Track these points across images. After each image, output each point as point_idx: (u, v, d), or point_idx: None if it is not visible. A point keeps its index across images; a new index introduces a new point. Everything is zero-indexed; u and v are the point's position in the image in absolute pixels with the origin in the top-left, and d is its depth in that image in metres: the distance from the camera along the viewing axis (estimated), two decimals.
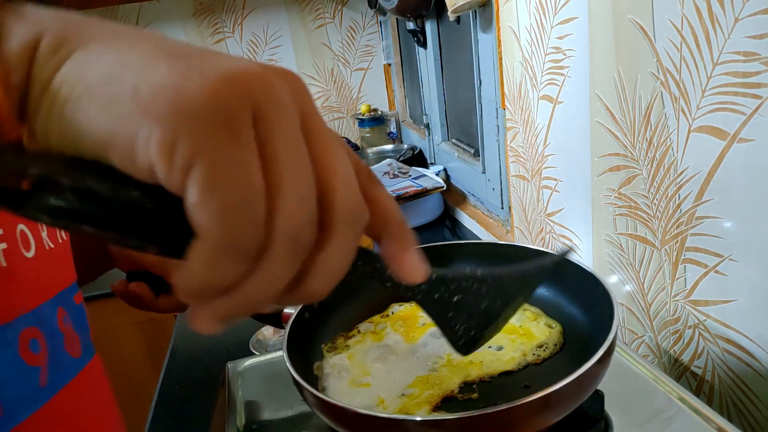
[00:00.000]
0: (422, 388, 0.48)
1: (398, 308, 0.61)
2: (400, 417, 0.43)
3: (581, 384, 0.41)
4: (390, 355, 0.53)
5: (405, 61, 1.80)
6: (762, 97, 0.46)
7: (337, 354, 0.54)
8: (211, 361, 0.88)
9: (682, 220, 0.59)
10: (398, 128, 1.93)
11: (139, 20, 1.73)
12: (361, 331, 0.58)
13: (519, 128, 0.94)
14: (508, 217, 1.09)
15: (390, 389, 0.48)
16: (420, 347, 0.54)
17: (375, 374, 0.51)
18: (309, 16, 1.84)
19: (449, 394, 0.48)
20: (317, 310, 0.56)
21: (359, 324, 0.59)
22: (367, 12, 1.86)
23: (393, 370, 0.51)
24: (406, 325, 0.58)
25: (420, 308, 0.34)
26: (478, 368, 0.51)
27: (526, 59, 0.86)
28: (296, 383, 0.44)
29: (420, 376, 0.50)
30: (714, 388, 0.60)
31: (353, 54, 1.90)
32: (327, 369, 0.52)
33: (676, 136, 0.57)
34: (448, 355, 0.53)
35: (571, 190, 0.81)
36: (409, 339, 0.56)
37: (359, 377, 0.50)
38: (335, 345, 0.56)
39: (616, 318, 0.45)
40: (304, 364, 0.48)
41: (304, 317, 0.54)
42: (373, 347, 0.55)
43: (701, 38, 0.51)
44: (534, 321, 0.57)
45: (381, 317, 0.60)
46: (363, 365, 0.52)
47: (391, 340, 0.56)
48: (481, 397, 0.48)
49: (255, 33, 1.81)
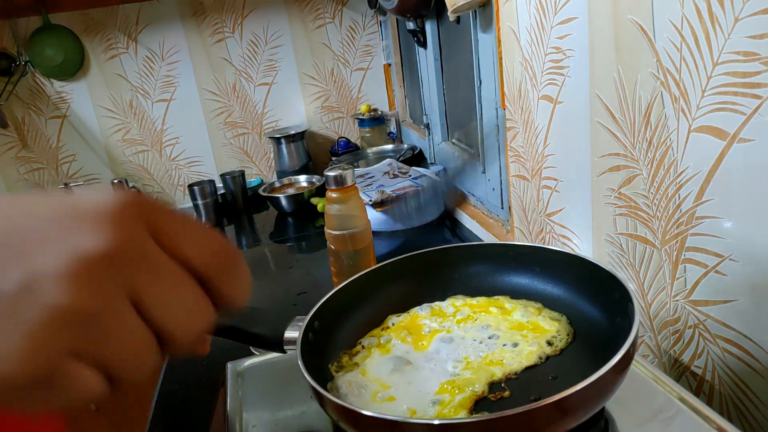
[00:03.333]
0: (452, 394, 0.47)
1: (396, 319, 0.61)
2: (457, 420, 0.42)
3: (619, 369, 0.41)
4: (405, 365, 0.52)
5: (405, 61, 1.80)
6: (762, 97, 0.46)
7: (348, 372, 0.53)
8: (211, 361, 0.88)
9: (682, 220, 0.59)
10: (398, 128, 1.93)
11: (139, 20, 1.73)
12: (365, 346, 0.57)
13: (519, 128, 0.94)
14: (508, 217, 1.09)
15: (418, 399, 0.47)
16: (434, 354, 0.54)
17: (396, 387, 0.50)
18: (309, 16, 1.84)
19: (481, 396, 0.47)
20: (318, 330, 0.55)
21: (360, 339, 0.58)
22: (367, 12, 1.86)
23: (413, 380, 0.50)
24: (412, 334, 0.57)
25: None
26: (500, 367, 0.51)
27: (526, 59, 0.86)
28: (337, 407, 0.42)
29: (444, 382, 0.49)
30: (714, 388, 0.60)
31: (353, 54, 1.90)
32: (343, 388, 0.51)
33: (676, 136, 0.57)
34: (465, 357, 0.52)
35: (571, 190, 0.81)
36: (420, 347, 0.55)
37: (380, 391, 0.49)
38: (342, 364, 0.55)
39: (635, 302, 0.46)
40: (323, 386, 0.45)
41: (309, 339, 0.52)
42: (385, 360, 0.54)
43: (701, 38, 0.51)
44: (539, 315, 0.57)
45: (381, 330, 0.59)
46: (380, 379, 0.51)
47: (401, 351, 0.55)
48: (514, 394, 0.48)
49: (255, 33, 1.81)
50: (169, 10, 1.75)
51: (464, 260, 0.65)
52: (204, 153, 1.90)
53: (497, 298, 0.61)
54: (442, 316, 0.60)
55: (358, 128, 1.90)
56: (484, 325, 0.57)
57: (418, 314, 0.61)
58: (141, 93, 1.80)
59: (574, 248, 0.84)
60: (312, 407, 0.56)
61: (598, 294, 0.55)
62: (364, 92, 1.95)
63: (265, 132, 1.91)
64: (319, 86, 1.91)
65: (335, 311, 0.58)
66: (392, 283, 0.63)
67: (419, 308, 0.62)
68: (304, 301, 1.06)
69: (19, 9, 1.64)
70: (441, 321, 0.59)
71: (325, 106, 1.94)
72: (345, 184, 0.81)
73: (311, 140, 1.93)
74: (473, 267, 0.65)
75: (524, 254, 0.62)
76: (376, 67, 1.93)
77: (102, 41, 1.74)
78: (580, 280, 0.57)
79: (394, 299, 0.63)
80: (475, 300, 0.62)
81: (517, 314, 0.58)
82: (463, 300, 0.62)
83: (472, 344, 0.54)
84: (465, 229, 1.30)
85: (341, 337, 0.58)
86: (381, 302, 0.62)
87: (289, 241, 1.46)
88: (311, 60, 1.88)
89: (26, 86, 1.73)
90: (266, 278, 1.25)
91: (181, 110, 1.84)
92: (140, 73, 1.79)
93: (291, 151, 1.82)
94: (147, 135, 1.85)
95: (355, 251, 0.83)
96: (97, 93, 1.78)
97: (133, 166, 1.87)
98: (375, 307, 0.62)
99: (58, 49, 1.68)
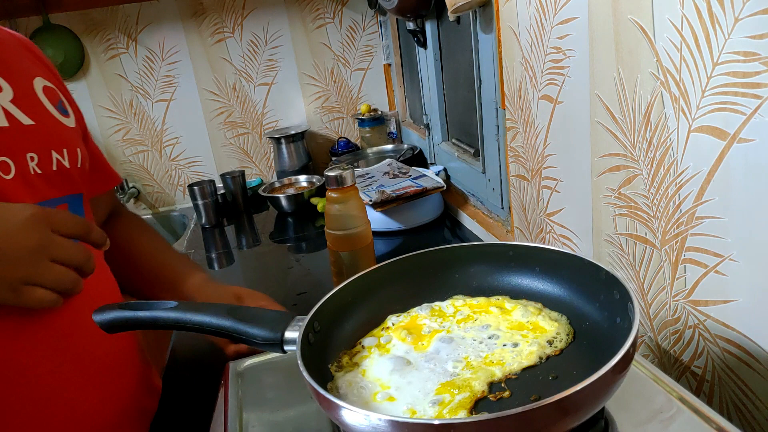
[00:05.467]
0: (452, 394, 0.47)
1: (396, 319, 0.60)
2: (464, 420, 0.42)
3: (619, 369, 0.41)
4: (405, 365, 0.52)
5: (405, 61, 1.80)
6: (762, 97, 0.46)
7: (349, 372, 0.53)
8: (211, 361, 0.88)
9: (682, 220, 0.59)
10: (398, 128, 1.93)
11: (139, 20, 1.73)
12: (365, 346, 0.57)
13: (519, 128, 0.94)
14: (508, 217, 1.09)
15: (418, 399, 0.47)
16: (433, 354, 0.54)
17: (396, 387, 0.49)
18: (309, 16, 1.84)
19: (481, 396, 0.47)
20: (318, 330, 0.55)
21: (361, 339, 0.58)
22: (367, 12, 1.86)
23: (414, 380, 0.50)
24: (412, 334, 0.57)
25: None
26: (501, 367, 0.51)
27: (526, 59, 0.86)
28: (337, 407, 0.42)
29: (444, 382, 0.49)
30: (714, 388, 0.60)
31: (353, 54, 1.90)
32: (343, 388, 0.51)
33: (676, 136, 0.57)
34: (465, 357, 0.52)
35: (571, 190, 0.81)
36: (420, 348, 0.55)
37: (380, 392, 0.49)
38: (341, 364, 0.55)
39: (635, 302, 0.46)
40: (323, 386, 0.45)
41: (309, 339, 0.52)
42: (385, 360, 0.54)
43: (701, 38, 0.51)
44: (539, 315, 0.57)
45: (381, 330, 0.59)
46: (380, 379, 0.51)
47: (401, 351, 0.55)
48: (514, 394, 0.48)
49: (255, 33, 1.81)
50: (169, 10, 1.75)
51: (464, 260, 0.65)
52: (204, 153, 1.90)
53: (497, 298, 0.61)
54: (442, 316, 0.60)
55: (358, 128, 1.90)
56: (484, 325, 0.57)
57: (418, 314, 0.61)
58: (141, 93, 1.80)
59: (574, 248, 0.84)
60: (312, 407, 0.56)
61: (598, 294, 0.55)
62: (364, 92, 1.95)
63: (265, 132, 1.91)
64: (319, 86, 1.91)
65: (335, 311, 0.58)
66: (392, 284, 0.63)
67: (419, 308, 0.62)
68: (304, 301, 1.06)
69: (19, 9, 1.64)
70: (441, 321, 0.59)
71: (325, 106, 1.94)
72: (345, 184, 0.81)
73: (311, 140, 1.93)
74: (473, 267, 0.65)
75: (524, 254, 0.62)
76: (376, 67, 1.93)
77: (102, 41, 1.74)
78: (579, 280, 0.57)
79: (394, 299, 0.63)
80: (475, 300, 0.62)
81: (517, 314, 0.58)
82: (463, 300, 0.62)
83: (472, 344, 0.54)
84: (465, 229, 1.30)
85: (341, 337, 0.58)
86: (381, 302, 0.62)
87: (289, 241, 1.46)
88: (311, 60, 1.88)
89: None
90: (266, 278, 1.25)
91: (181, 110, 1.84)
92: (140, 73, 1.79)
93: (291, 151, 1.82)
94: (147, 135, 1.85)
95: (355, 251, 0.83)
96: (97, 93, 1.78)
97: (133, 166, 1.87)
98: (375, 307, 0.61)
99: (58, 49, 1.68)
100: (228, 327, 0.53)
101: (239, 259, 1.41)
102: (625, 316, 0.47)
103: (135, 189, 1.87)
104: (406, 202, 1.29)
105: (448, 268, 0.65)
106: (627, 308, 0.47)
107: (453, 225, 1.35)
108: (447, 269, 0.65)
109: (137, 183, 1.88)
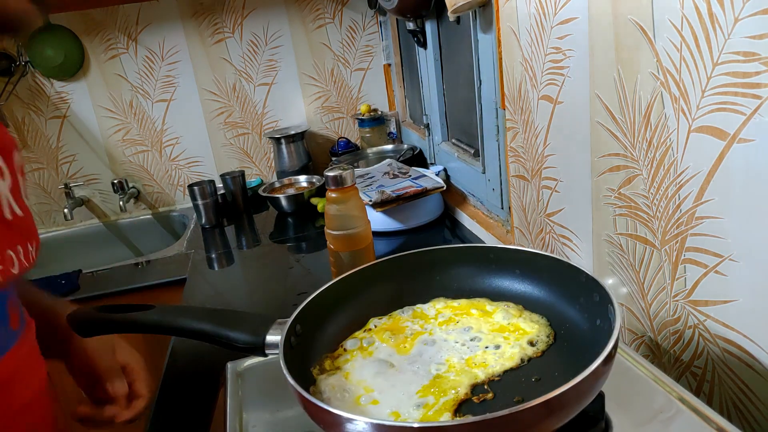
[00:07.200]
0: (436, 396, 0.47)
1: (379, 321, 0.60)
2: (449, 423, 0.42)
3: (600, 374, 0.41)
4: (388, 368, 0.52)
5: (405, 61, 1.80)
6: (762, 97, 0.46)
7: (332, 375, 0.53)
8: (211, 361, 0.88)
9: (682, 220, 0.59)
10: (398, 128, 1.93)
11: (139, 20, 1.73)
12: (347, 349, 0.57)
13: (519, 128, 0.94)
14: (508, 218, 1.09)
15: (402, 402, 0.47)
16: (416, 356, 0.53)
17: (379, 390, 0.49)
18: (309, 16, 1.84)
19: (464, 398, 0.47)
20: (300, 333, 0.54)
21: (343, 342, 0.58)
22: (367, 12, 1.86)
23: (397, 383, 0.50)
24: (395, 336, 0.57)
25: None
26: (483, 369, 0.51)
27: (526, 59, 0.86)
28: (325, 412, 0.42)
29: (427, 384, 0.49)
30: (714, 388, 0.60)
31: (353, 54, 1.90)
32: (327, 392, 0.50)
33: (676, 136, 0.57)
34: (447, 359, 0.53)
35: (571, 190, 0.81)
36: (402, 350, 0.55)
37: (364, 395, 0.49)
38: (324, 367, 0.54)
39: (616, 306, 0.46)
40: (306, 390, 0.45)
41: (291, 343, 0.52)
42: (368, 363, 0.53)
43: (701, 38, 0.51)
44: (520, 317, 0.57)
45: (363, 332, 0.59)
46: (363, 383, 0.51)
47: (383, 354, 0.55)
48: (497, 395, 0.48)
49: (255, 33, 1.81)
50: (169, 10, 1.75)
51: (445, 263, 0.65)
52: (204, 153, 1.90)
53: (478, 300, 0.61)
54: (424, 318, 0.60)
55: (358, 128, 1.90)
56: (465, 327, 0.57)
57: (400, 317, 0.61)
58: (141, 93, 1.80)
59: (574, 248, 0.84)
60: None
61: (578, 296, 0.55)
62: (364, 92, 1.95)
63: (265, 132, 1.91)
64: (319, 86, 1.91)
65: (316, 315, 0.58)
66: (373, 286, 0.63)
67: (401, 311, 0.62)
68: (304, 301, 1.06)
69: None
70: (423, 323, 0.59)
71: (325, 106, 1.94)
72: (345, 185, 0.81)
73: (311, 140, 1.93)
74: (454, 269, 0.65)
75: (504, 256, 0.63)
76: (376, 68, 1.93)
77: (102, 41, 1.74)
78: (560, 283, 0.58)
79: (376, 302, 0.62)
80: (456, 302, 0.62)
81: (498, 316, 0.58)
82: (445, 302, 0.62)
83: (454, 346, 0.54)
84: (465, 229, 1.30)
85: (323, 340, 0.58)
86: (362, 305, 0.62)
87: (289, 241, 1.46)
88: (311, 60, 1.88)
89: (26, 86, 1.73)
90: (266, 278, 1.25)
91: (181, 110, 1.84)
92: (140, 73, 1.79)
93: (291, 151, 1.82)
94: (147, 135, 1.85)
95: (355, 251, 0.83)
96: (97, 93, 1.78)
97: (133, 166, 1.87)
98: (356, 310, 0.61)
99: (58, 49, 1.68)
100: (208, 331, 0.53)
101: (239, 259, 1.41)
102: (606, 318, 0.48)
103: (135, 189, 1.87)
104: (406, 202, 1.29)
105: (429, 271, 0.65)
106: (608, 311, 0.47)
107: (453, 225, 1.35)
108: (428, 272, 0.65)
109: (137, 183, 1.88)
